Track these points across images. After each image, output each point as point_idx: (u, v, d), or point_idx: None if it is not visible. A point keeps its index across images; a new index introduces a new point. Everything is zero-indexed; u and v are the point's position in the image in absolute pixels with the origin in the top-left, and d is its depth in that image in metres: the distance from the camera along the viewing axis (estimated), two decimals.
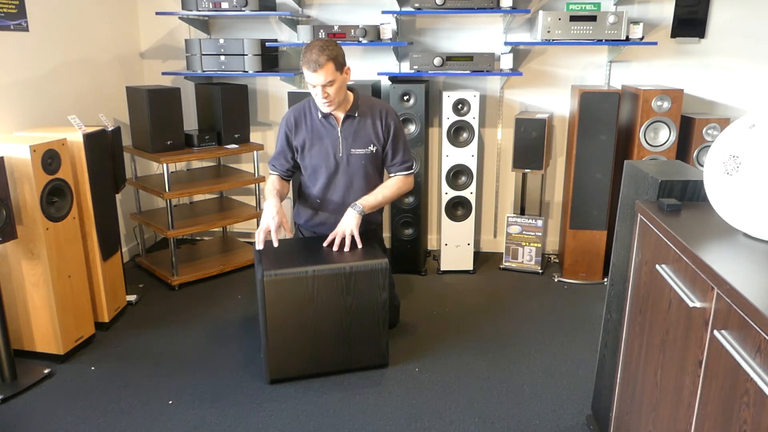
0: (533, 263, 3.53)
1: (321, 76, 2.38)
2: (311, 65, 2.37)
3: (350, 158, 2.59)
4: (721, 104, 3.46)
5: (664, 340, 1.39)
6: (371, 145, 2.60)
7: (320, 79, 2.38)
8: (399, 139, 2.63)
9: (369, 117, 2.58)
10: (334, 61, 2.41)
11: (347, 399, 2.27)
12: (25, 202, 2.33)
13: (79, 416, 2.17)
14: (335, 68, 2.41)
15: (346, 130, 2.57)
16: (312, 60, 2.36)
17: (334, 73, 2.41)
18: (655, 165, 1.76)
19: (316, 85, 2.41)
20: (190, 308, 3.04)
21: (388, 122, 2.59)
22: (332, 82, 2.42)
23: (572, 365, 2.51)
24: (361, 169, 2.61)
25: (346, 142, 2.58)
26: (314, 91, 2.45)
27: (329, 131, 2.58)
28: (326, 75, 2.38)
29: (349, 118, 2.57)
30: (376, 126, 2.58)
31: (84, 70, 3.27)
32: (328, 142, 2.59)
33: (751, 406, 0.98)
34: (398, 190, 2.65)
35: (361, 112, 2.58)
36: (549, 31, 3.17)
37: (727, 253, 1.22)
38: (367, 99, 2.64)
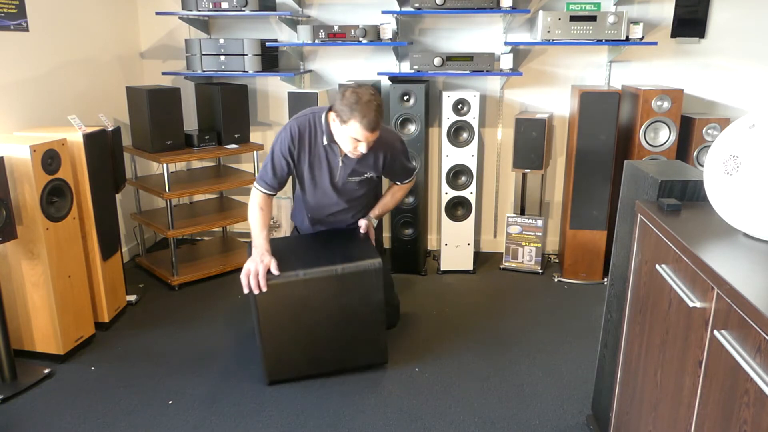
0: (533, 263, 3.53)
1: (374, 136, 2.35)
2: (371, 125, 2.31)
3: (346, 184, 2.59)
4: (721, 104, 3.46)
5: (664, 340, 1.39)
6: (369, 172, 2.59)
7: (373, 137, 2.36)
8: (398, 160, 2.61)
9: (373, 150, 2.53)
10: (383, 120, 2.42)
11: (347, 399, 2.27)
12: (25, 202, 2.33)
13: (79, 416, 2.17)
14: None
15: (347, 160, 2.54)
16: (373, 121, 2.31)
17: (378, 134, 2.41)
18: (655, 165, 1.76)
19: (361, 141, 2.35)
20: (190, 308, 3.04)
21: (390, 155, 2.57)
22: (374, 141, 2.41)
23: (572, 365, 2.51)
24: (356, 192, 2.61)
25: (345, 170, 2.56)
26: (353, 143, 2.37)
27: (331, 158, 2.54)
28: (376, 137, 2.38)
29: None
30: (378, 158, 2.55)
31: (84, 70, 3.27)
32: (326, 168, 2.54)
33: (751, 406, 0.98)
34: (402, 193, 2.76)
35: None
36: (549, 31, 3.17)
37: (727, 253, 1.22)
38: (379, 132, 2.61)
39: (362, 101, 2.31)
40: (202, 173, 3.66)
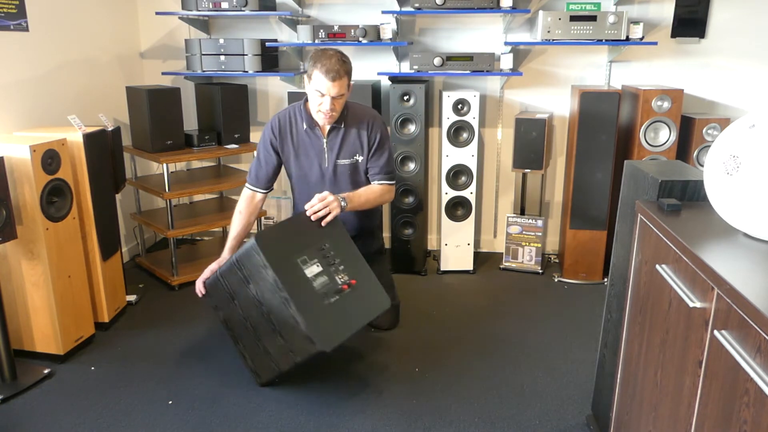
0: (533, 263, 3.53)
1: (336, 87, 2.34)
2: (331, 74, 2.30)
3: (336, 169, 2.58)
4: (721, 104, 3.46)
5: (664, 340, 1.39)
6: (357, 155, 2.58)
7: (335, 90, 2.34)
8: (384, 149, 2.60)
9: (355, 127, 2.56)
10: (349, 76, 2.39)
11: (347, 399, 2.27)
12: (25, 202, 2.33)
13: (79, 416, 2.17)
14: (348, 83, 2.40)
15: (331, 141, 2.55)
16: (333, 69, 2.30)
17: (347, 88, 2.40)
18: (655, 165, 1.76)
19: (325, 95, 2.36)
20: (190, 308, 3.04)
21: (375, 132, 2.56)
22: (342, 96, 2.40)
23: (572, 365, 2.51)
24: (348, 178, 2.60)
25: (331, 153, 2.56)
26: (320, 100, 2.38)
27: (314, 142, 2.56)
28: (341, 87, 2.35)
29: (335, 129, 2.55)
30: (361, 136, 2.56)
31: (84, 70, 3.27)
32: (313, 153, 2.56)
33: (751, 406, 0.98)
34: (381, 197, 2.62)
35: (347, 123, 2.55)
36: (549, 31, 3.17)
37: (727, 253, 1.22)
38: (354, 108, 2.60)
39: (324, 53, 2.36)
40: (202, 173, 3.66)
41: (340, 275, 2.31)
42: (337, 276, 2.30)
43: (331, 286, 2.25)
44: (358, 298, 2.29)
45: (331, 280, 2.27)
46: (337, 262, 2.32)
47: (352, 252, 2.38)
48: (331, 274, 2.29)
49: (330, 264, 2.30)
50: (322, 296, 2.21)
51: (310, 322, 2.13)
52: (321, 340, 2.12)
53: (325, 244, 2.34)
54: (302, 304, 2.16)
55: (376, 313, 2.31)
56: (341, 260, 2.33)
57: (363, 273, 2.36)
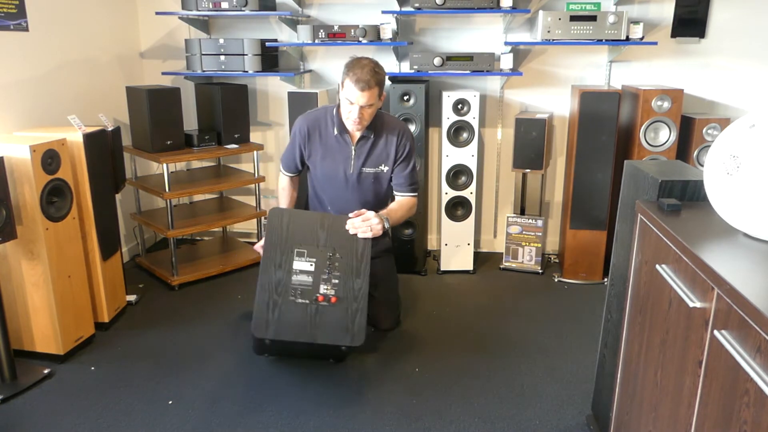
0: (533, 263, 3.53)
1: (365, 97, 2.35)
2: (360, 84, 2.31)
3: (360, 176, 2.60)
4: (721, 104, 3.46)
5: (664, 340, 1.39)
6: (383, 165, 2.60)
7: (363, 100, 2.35)
8: (410, 161, 2.62)
9: (384, 137, 2.57)
10: (380, 87, 2.41)
11: (347, 399, 2.27)
12: (25, 202, 2.33)
13: (79, 416, 2.17)
14: (378, 93, 2.41)
15: (359, 149, 2.57)
16: (363, 79, 2.31)
17: (376, 98, 2.41)
18: (655, 165, 1.76)
19: (354, 104, 2.37)
20: (190, 308, 3.04)
21: (404, 143, 2.59)
22: (371, 106, 2.40)
23: (572, 365, 2.51)
24: (370, 186, 2.63)
25: (358, 161, 2.58)
26: (349, 108, 2.40)
27: (342, 148, 2.58)
28: (370, 98, 2.36)
29: (364, 138, 2.57)
30: (389, 147, 2.57)
31: (84, 70, 3.27)
32: (339, 159, 2.59)
33: (751, 406, 0.98)
34: (409, 211, 2.67)
35: (376, 133, 2.57)
36: (549, 31, 3.17)
37: (727, 253, 1.22)
38: (385, 118, 2.62)
39: (358, 62, 2.38)
40: (202, 173, 3.66)
41: (327, 286, 2.25)
42: (323, 285, 2.25)
43: (309, 289, 2.23)
44: (329, 318, 2.22)
45: (314, 285, 2.24)
46: (335, 275, 2.27)
47: (359, 279, 2.28)
48: (318, 280, 2.25)
49: (326, 272, 2.26)
50: (293, 291, 2.20)
51: (259, 304, 2.17)
52: (256, 324, 2.17)
53: (337, 253, 2.28)
54: (266, 283, 2.18)
55: (337, 341, 2.20)
56: (341, 275, 2.27)
57: (354, 301, 2.25)
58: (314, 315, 2.21)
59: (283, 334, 2.19)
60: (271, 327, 2.18)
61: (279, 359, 2.54)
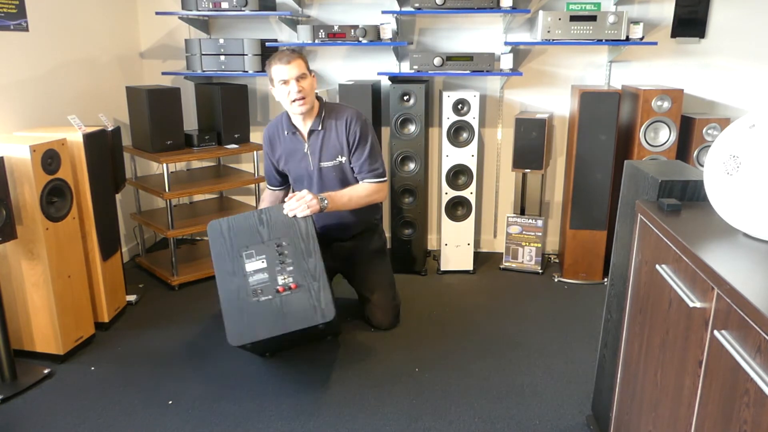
0: (533, 263, 3.53)
1: (295, 68, 2.42)
2: (284, 58, 2.40)
3: (322, 171, 2.61)
4: (721, 104, 3.46)
5: (664, 340, 1.39)
6: (339, 156, 2.60)
7: (294, 70, 2.42)
8: (364, 145, 2.58)
9: (333, 128, 2.58)
10: (304, 60, 2.48)
11: (347, 399, 2.27)
12: (25, 202, 2.33)
13: (79, 416, 2.17)
14: (306, 67, 2.48)
15: (312, 145, 2.59)
16: (285, 55, 2.42)
17: (306, 69, 2.47)
18: (655, 165, 1.76)
19: (289, 80, 2.42)
20: (190, 308, 3.04)
21: (354, 129, 2.57)
22: (304, 76, 2.46)
23: (572, 365, 2.51)
24: (335, 180, 2.62)
25: (314, 157, 2.60)
26: (286, 89, 2.45)
27: (297, 147, 2.63)
28: (299, 67, 2.43)
29: (314, 133, 2.59)
30: (340, 136, 2.57)
31: (84, 70, 3.27)
32: (299, 158, 2.64)
33: (751, 406, 0.98)
34: (368, 196, 2.61)
35: (325, 124, 2.58)
36: (549, 31, 3.17)
37: (727, 253, 1.22)
38: (332, 108, 2.62)
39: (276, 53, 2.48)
40: (202, 173, 3.66)
41: (284, 276, 2.28)
42: (280, 276, 2.28)
43: (268, 285, 2.26)
44: (296, 303, 2.24)
45: (271, 280, 2.27)
46: (288, 263, 2.30)
47: (311, 257, 2.32)
48: (273, 273, 2.28)
49: (278, 263, 2.30)
50: (253, 293, 2.24)
51: (227, 315, 2.20)
52: (230, 334, 2.19)
53: (283, 242, 2.33)
54: (227, 294, 2.22)
55: (310, 323, 2.22)
56: (293, 261, 2.30)
57: (313, 280, 2.28)
58: (281, 307, 2.24)
59: (259, 335, 2.21)
60: (245, 333, 2.21)
61: (279, 359, 2.54)
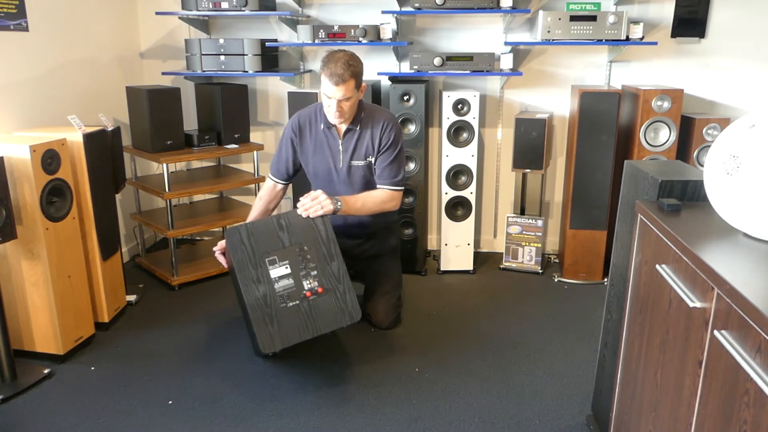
0: (533, 263, 3.53)
1: (341, 91, 2.37)
2: (334, 78, 2.34)
3: (350, 169, 2.61)
4: (721, 104, 3.46)
5: (664, 340, 1.39)
6: (370, 156, 2.60)
7: (339, 94, 2.38)
8: (392, 152, 2.60)
9: (369, 128, 2.58)
10: (356, 78, 2.41)
11: (347, 399, 2.27)
12: (25, 202, 2.33)
13: (79, 416, 2.17)
14: (355, 86, 2.41)
15: (346, 142, 2.59)
16: (336, 73, 2.33)
17: (353, 91, 2.42)
18: (655, 165, 1.76)
19: (332, 98, 2.40)
20: (190, 308, 3.04)
21: (388, 133, 2.58)
22: (349, 99, 2.42)
23: (572, 365, 2.51)
24: (361, 180, 2.63)
25: (346, 154, 2.60)
26: (328, 102, 2.43)
27: (331, 142, 2.61)
28: (345, 91, 2.38)
29: (351, 131, 2.58)
30: (374, 137, 2.58)
31: (84, 70, 3.27)
32: (329, 153, 2.61)
33: (751, 406, 0.98)
34: (382, 203, 2.60)
35: (362, 125, 2.58)
36: (549, 31, 3.17)
37: (727, 253, 1.22)
38: (372, 110, 2.63)
39: (332, 57, 2.40)
40: (202, 173, 3.66)
41: (309, 281, 2.29)
42: (305, 281, 2.29)
43: (294, 290, 2.27)
44: (323, 307, 2.27)
45: (297, 285, 2.28)
46: (311, 267, 2.31)
47: (333, 260, 2.34)
48: (298, 279, 2.28)
49: (302, 268, 2.30)
50: (281, 299, 2.24)
51: (257, 323, 2.19)
52: (263, 342, 2.18)
53: (304, 246, 2.33)
54: (254, 302, 2.21)
55: (338, 325, 2.27)
56: (316, 266, 2.31)
57: (338, 282, 2.31)
58: (309, 311, 2.26)
59: (291, 340, 2.22)
60: (276, 339, 2.21)
61: (279, 359, 2.54)
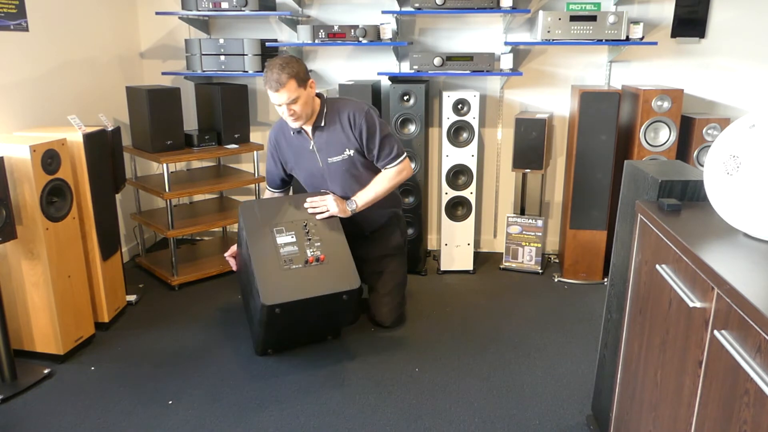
0: (533, 263, 3.53)
1: (284, 95, 2.38)
2: (273, 85, 2.36)
3: (331, 167, 2.61)
4: (721, 104, 3.46)
5: (665, 340, 1.39)
6: (346, 150, 2.59)
7: (283, 98, 2.39)
8: (374, 135, 2.57)
9: (337, 123, 2.57)
10: (296, 77, 2.39)
11: (347, 399, 2.27)
12: (25, 202, 2.33)
13: (79, 416, 2.17)
14: (297, 85, 2.40)
15: (318, 142, 2.59)
16: (273, 80, 2.35)
17: (297, 90, 2.40)
18: (655, 165, 1.76)
19: (281, 104, 2.42)
20: (190, 308, 3.04)
21: (359, 123, 2.55)
22: (296, 99, 2.42)
23: (572, 365, 2.51)
24: (346, 174, 2.62)
25: (321, 154, 2.60)
26: (280, 110, 2.46)
27: (304, 145, 2.63)
28: (289, 93, 2.38)
29: (318, 129, 2.58)
30: (346, 131, 2.57)
31: (84, 70, 3.27)
32: (306, 156, 2.63)
33: (751, 406, 0.98)
34: (391, 181, 2.63)
35: (328, 120, 2.57)
36: (549, 31, 3.17)
37: (727, 253, 1.22)
38: (334, 103, 2.60)
39: (267, 66, 2.41)
40: (202, 173, 3.66)
41: (313, 249, 2.47)
42: (308, 249, 2.46)
43: (298, 255, 2.44)
44: (324, 273, 2.42)
45: (301, 251, 2.45)
46: (315, 239, 2.49)
47: (336, 235, 2.53)
48: (302, 246, 2.47)
49: (306, 239, 2.48)
50: (285, 261, 2.41)
51: (261, 277, 2.33)
52: (265, 295, 2.29)
53: (309, 222, 2.53)
54: (260, 261, 2.38)
55: (338, 289, 2.39)
56: (320, 238, 2.50)
57: (339, 254, 2.48)
58: (311, 274, 2.40)
59: (291, 296, 2.33)
60: (278, 294, 2.32)
61: (279, 359, 2.54)
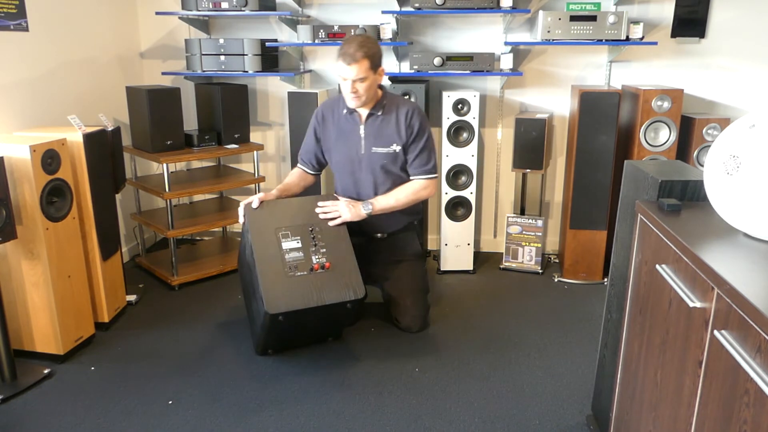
0: (533, 263, 3.53)
1: (354, 70, 2.38)
2: (346, 58, 2.37)
3: (371, 156, 2.59)
4: (721, 104, 3.46)
5: (664, 340, 1.39)
6: (393, 144, 2.59)
7: (352, 73, 2.39)
8: (420, 140, 2.60)
9: (393, 115, 2.57)
10: (371, 59, 2.42)
11: (347, 399, 2.27)
12: (25, 202, 2.33)
13: (79, 416, 2.17)
14: (370, 66, 2.43)
15: (368, 128, 2.58)
16: (348, 53, 2.36)
17: (368, 71, 2.43)
18: (655, 165, 1.76)
19: (347, 79, 2.41)
20: (190, 308, 3.04)
21: (413, 122, 2.57)
22: (364, 79, 2.43)
23: (572, 365, 2.51)
24: (382, 168, 2.61)
25: (367, 140, 2.58)
26: (344, 84, 2.45)
27: (352, 127, 2.60)
28: (359, 71, 2.39)
29: (372, 116, 2.58)
30: (399, 125, 2.57)
31: (84, 70, 3.27)
32: (351, 138, 2.60)
33: (751, 406, 0.98)
34: (414, 194, 2.63)
35: (385, 110, 2.57)
36: (549, 31, 3.17)
37: (727, 253, 1.22)
38: (394, 98, 2.63)
39: (347, 40, 2.43)
40: (202, 173, 3.66)
41: (318, 256, 2.44)
42: (314, 256, 2.44)
43: (303, 262, 2.42)
44: (329, 281, 2.41)
45: (306, 258, 2.43)
46: (320, 245, 2.47)
47: (342, 242, 2.51)
48: (308, 253, 2.44)
49: (312, 244, 2.46)
50: (290, 268, 2.39)
51: (265, 284, 2.32)
52: (269, 303, 2.28)
53: (315, 227, 2.50)
54: (265, 267, 2.36)
55: (343, 298, 2.38)
56: (326, 244, 2.48)
57: (345, 262, 2.45)
58: (315, 282, 2.39)
59: (295, 305, 2.32)
60: (282, 302, 2.31)
61: (279, 359, 2.54)
